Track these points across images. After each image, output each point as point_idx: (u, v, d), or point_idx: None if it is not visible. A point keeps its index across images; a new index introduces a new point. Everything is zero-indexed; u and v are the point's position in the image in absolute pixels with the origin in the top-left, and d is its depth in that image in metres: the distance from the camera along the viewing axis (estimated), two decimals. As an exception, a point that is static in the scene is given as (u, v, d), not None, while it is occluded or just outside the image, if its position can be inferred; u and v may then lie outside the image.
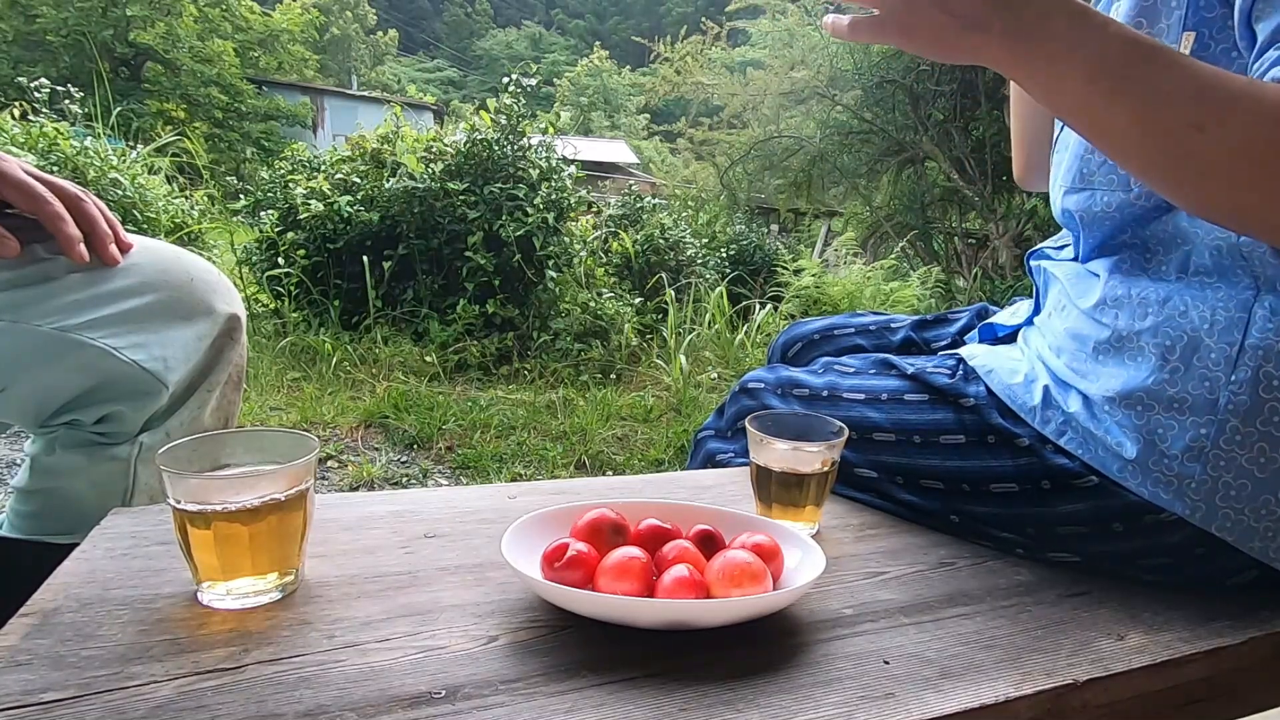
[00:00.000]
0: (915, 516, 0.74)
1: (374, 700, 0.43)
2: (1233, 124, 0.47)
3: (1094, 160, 0.69)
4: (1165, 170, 0.51)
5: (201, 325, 0.76)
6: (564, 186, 3.98)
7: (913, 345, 0.96)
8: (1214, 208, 0.53)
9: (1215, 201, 0.52)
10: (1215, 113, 0.47)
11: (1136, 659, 0.53)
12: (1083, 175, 0.69)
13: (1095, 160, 0.68)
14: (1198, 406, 0.60)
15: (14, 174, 0.67)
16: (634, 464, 2.60)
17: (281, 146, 11.39)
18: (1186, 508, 0.60)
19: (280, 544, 0.52)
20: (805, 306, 4.66)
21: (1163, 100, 0.48)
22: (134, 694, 0.42)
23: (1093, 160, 0.69)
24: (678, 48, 7.49)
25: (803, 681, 0.47)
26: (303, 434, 0.55)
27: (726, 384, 3.48)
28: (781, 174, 6.70)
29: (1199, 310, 0.61)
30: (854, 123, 5.99)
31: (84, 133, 4.08)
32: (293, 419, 2.75)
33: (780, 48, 6.74)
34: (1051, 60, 0.51)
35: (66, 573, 0.54)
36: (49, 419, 0.71)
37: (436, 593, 0.55)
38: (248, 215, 4.44)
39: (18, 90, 4.60)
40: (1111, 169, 0.67)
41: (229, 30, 21.36)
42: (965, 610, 0.58)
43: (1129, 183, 0.60)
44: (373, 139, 4.21)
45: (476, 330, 3.74)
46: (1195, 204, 0.54)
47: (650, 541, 0.57)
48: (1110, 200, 0.67)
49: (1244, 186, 0.49)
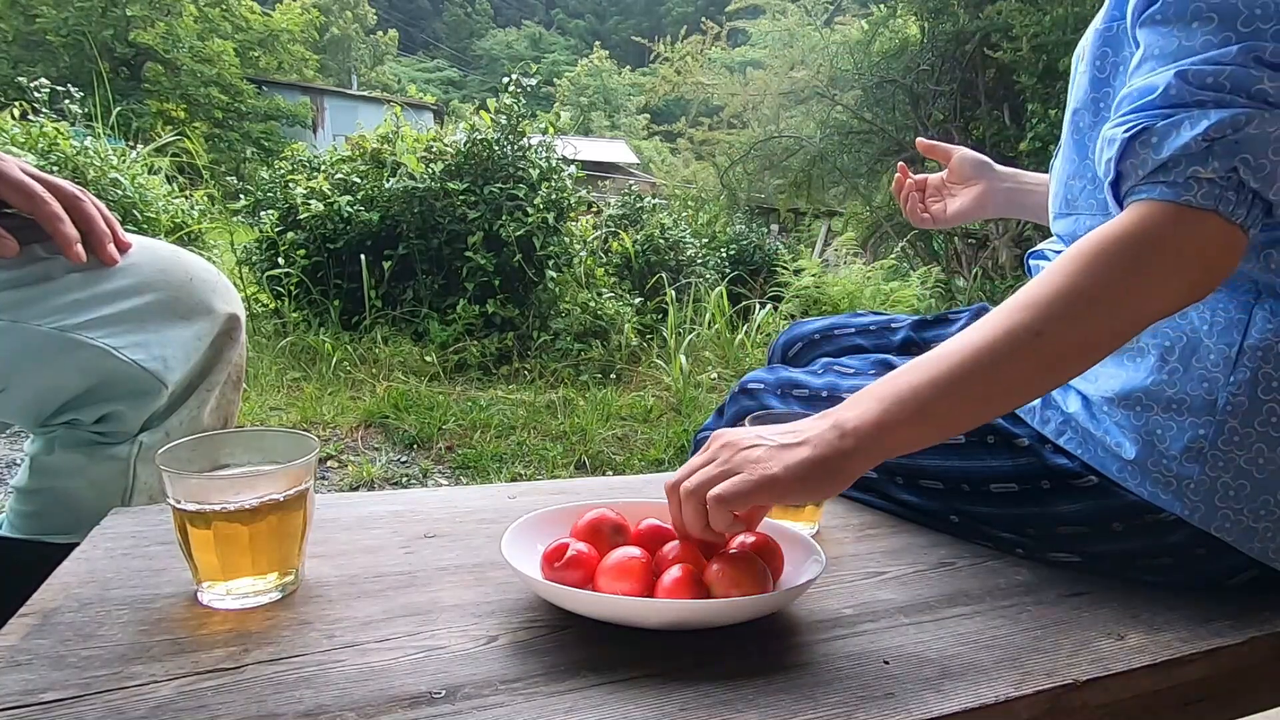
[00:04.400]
0: (915, 516, 0.74)
1: (374, 700, 0.43)
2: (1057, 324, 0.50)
3: (1075, 187, 0.70)
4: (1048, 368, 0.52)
5: (201, 325, 0.76)
6: (564, 186, 3.97)
7: (913, 345, 0.96)
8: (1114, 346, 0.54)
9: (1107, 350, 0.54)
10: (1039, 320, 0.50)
11: (1136, 659, 0.53)
12: (1067, 201, 0.71)
13: (1077, 187, 0.69)
14: (1196, 407, 0.60)
15: (12, 174, 0.67)
16: (634, 464, 2.60)
17: (281, 146, 11.39)
18: (1185, 508, 0.60)
19: (280, 544, 0.52)
20: (805, 306, 4.65)
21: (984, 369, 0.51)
22: (134, 694, 0.42)
23: (1075, 187, 0.70)
24: (678, 48, 7.49)
25: (803, 681, 0.47)
26: (303, 434, 0.56)
27: (726, 384, 3.48)
28: (781, 174, 6.70)
29: (1198, 311, 0.61)
30: (854, 123, 5.99)
31: (84, 133, 4.07)
32: (293, 419, 2.75)
33: (780, 48, 6.75)
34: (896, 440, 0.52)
35: (66, 573, 0.54)
36: (49, 419, 0.71)
37: (436, 593, 0.55)
38: (248, 215, 4.44)
39: (18, 90, 4.60)
40: (1091, 195, 0.68)
41: (229, 30, 21.35)
42: (965, 610, 0.58)
43: (1108, 208, 0.61)
44: (373, 139, 4.21)
45: (476, 330, 3.73)
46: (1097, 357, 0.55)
47: (650, 541, 0.57)
48: (1093, 224, 0.67)
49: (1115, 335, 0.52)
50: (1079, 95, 0.67)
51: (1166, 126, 0.51)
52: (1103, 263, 0.51)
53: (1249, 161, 0.49)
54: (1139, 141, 0.52)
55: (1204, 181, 0.50)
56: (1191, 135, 0.50)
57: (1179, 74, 0.51)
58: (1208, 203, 0.50)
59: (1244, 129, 0.49)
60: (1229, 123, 0.49)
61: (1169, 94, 0.51)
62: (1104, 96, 0.65)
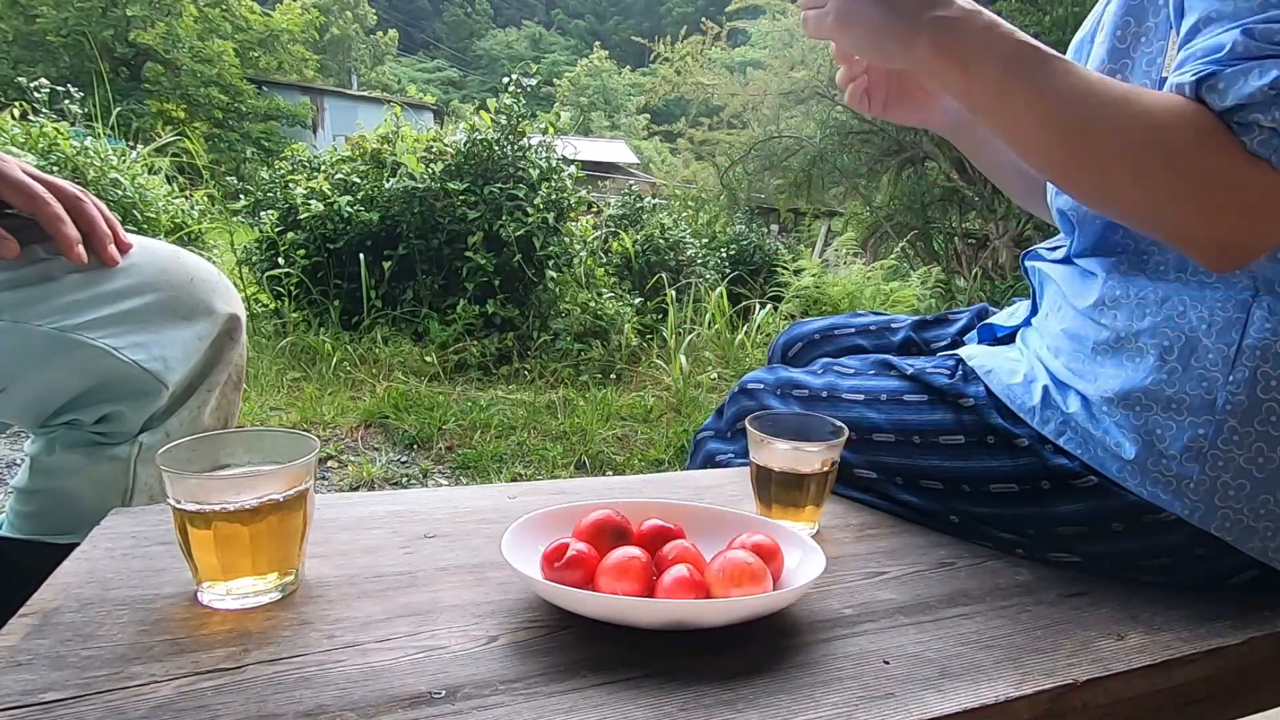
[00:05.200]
0: (915, 516, 0.74)
1: (374, 700, 0.43)
2: (1105, 127, 0.53)
3: None
4: (1058, 165, 0.57)
5: (201, 325, 0.76)
6: (564, 186, 3.97)
7: (913, 346, 0.96)
8: (1103, 204, 0.59)
9: (1110, 200, 0.57)
10: (1092, 115, 0.53)
11: (1136, 659, 0.53)
12: None
13: None
14: (1196, 407, 0.60)
15: (13, 174, 0.67)
16: (634, 464, 2.60)
17: (281, 146, 11.39)
18: (1185, 508, 0.60)
19: (280, 544, 0.52)
20: (805, 306, 4.65)
21: (1052, 102, 0.54)
22: (134, 694, 0.42)
23: None
24: (678, 48, 7.48)
25: (803, 681, 0.47)
26: (303, 434, 0.55)
27: (726, 384, 3.48)
28: (781, 174, 6.69)
29: (1197, 310, 0.61)
30: (854, 123, 5.98)
31: (84, 133, 4.07)
32: (293, 419, 2.75)
33: (780, 48, 6.74)
34: (968, 61, 0.57)
35: (66, 573, 0.54)
36: (49, 419, 0.71)
37: (436, 593, 0.55)
38: (248, 215, 4.44)
39: (18, 90, 4.60)
40: None
41: (229, 30, 21.35)
42: (965, 610, 0.58)
43: None
44: (373, 139, 4.21)
45: (476, 330, 3.73)
46: (1086, 199, 0.60)
47: (651, 541, 0.57)
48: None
49: (1122, 184, 0.54)
50: (1093, 66, 0.66)
51: (1234, 74, 0.51)
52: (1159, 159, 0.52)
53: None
54: (1206, 86, 0.52)
55: (1265, 130, 0.50)
56: (1259, 84, 0.49)
57: (1245, 31, 0.51)
58: (1264, 151, 0.50)
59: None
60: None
61: (1235, 50, 0.51)
62: (1122, 68, 0.64)
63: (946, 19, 0.57)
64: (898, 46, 0.59)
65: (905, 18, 0.58)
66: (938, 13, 0.57)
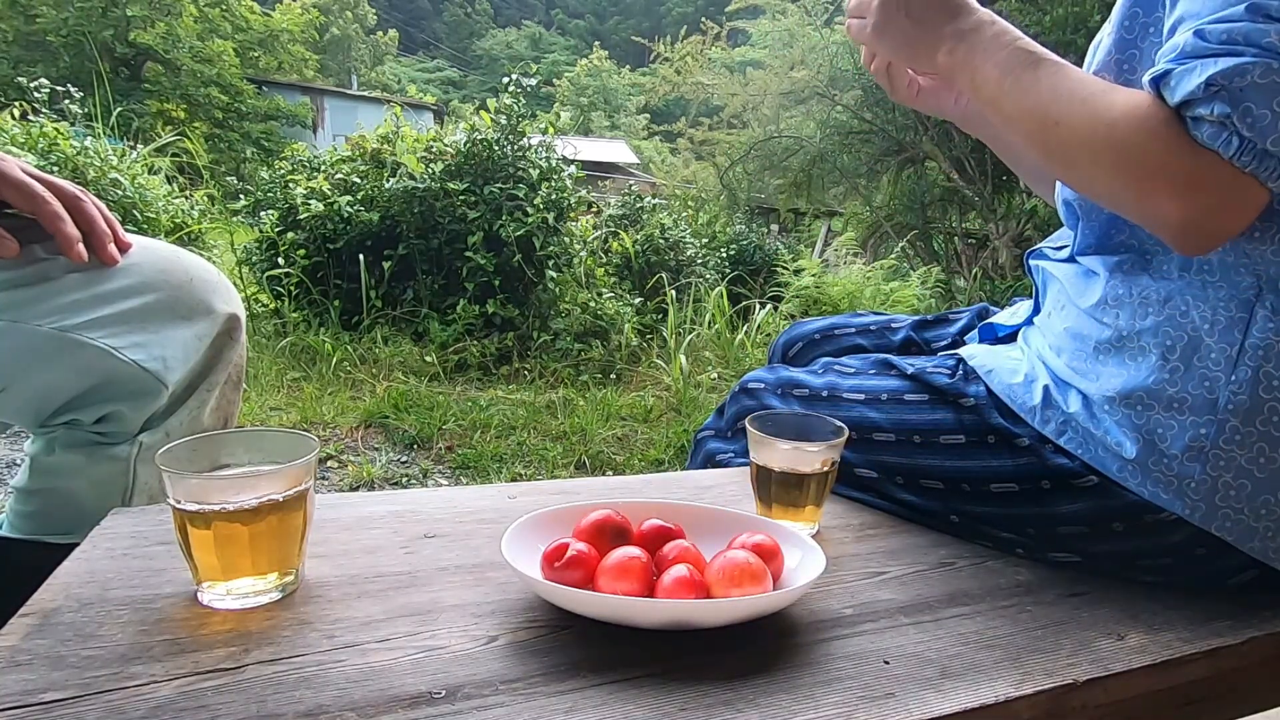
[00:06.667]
0: (915, 516, 0.74)
1: (374, 700, 0.43)
2: (1071, 121, 0.58)
3: None
4: (1043, 156, 0.63)
5: (201, 325, 0.76)
6: (564, 186, 3.97)
7: (913, 345, 0.96)
8: (1078, 187, 0.65)
9: (1081, 185, 0.63)
10: (1062, 111, 0.59)
11: (1136, 659, 0.53)
12: None
13: None
14: (1197, 406, 0.60)
15: (13, 174, 0.67)
16: (634, 464, 2.60)
17: (281, 146, 11.39)
18: (1186, 507, 0.60)
19: (280, 544, 0.52)
20: (805, 306, 4.65)
21: (1034, 100, 0.61)
22: (134, 694, 0.42)
23: None
24: (678, 48, 7.49)
25: (803, 681, 0.47)
26: (302, 434, 0.55)
27: (726, 384, 3.48)
28: (781, 174, 6.69)
29: (1200, 310, 0.61)
30: (854, 123, 5.98)
31: (84, 133, 4.07)
32: (293, 419, 2.75)
33: (780, 48, 6.74)
34: (975, 66, 0.66)
35: (66, 573, 0.54)
36: (49, 419, 0.71)
37: (436, 593, 0.55)
38: (248, 215, 4.44)
39: (18, 90, 4.60)
40: None
41: (229, 30, 21.34)
42: (965, 610, 0.58)
43: None
44: (373, 139, 4.21)
45: (476, 330, 3.73)
46: (1065, 182, 0.67)
47: (651, 541, 0.57)
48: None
49: (1087, 171, 0.60)
50: (1100, 58, 0.67)
51: (1181, 72, 0.54)
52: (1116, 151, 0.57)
53: (1251, 110, 0.51)
54: (1161, 84, 0.55)
55: (1212, 123, 0.53)
56: (1199, 80, 0.53)
57: (1197, 33, 0.55)
58: (1211, 142, 0.53)
59: (1250, 76, 0.51)
60: (1234, 70, 0.51)
61: (1186, 50, 0.55)
62: (1129, 59, 0.65)
63: (962, 30, 0.67)
64: (922, 52, 0.71)
65: (929, 30, 0.69)
66: (955, 25, 0.68)
